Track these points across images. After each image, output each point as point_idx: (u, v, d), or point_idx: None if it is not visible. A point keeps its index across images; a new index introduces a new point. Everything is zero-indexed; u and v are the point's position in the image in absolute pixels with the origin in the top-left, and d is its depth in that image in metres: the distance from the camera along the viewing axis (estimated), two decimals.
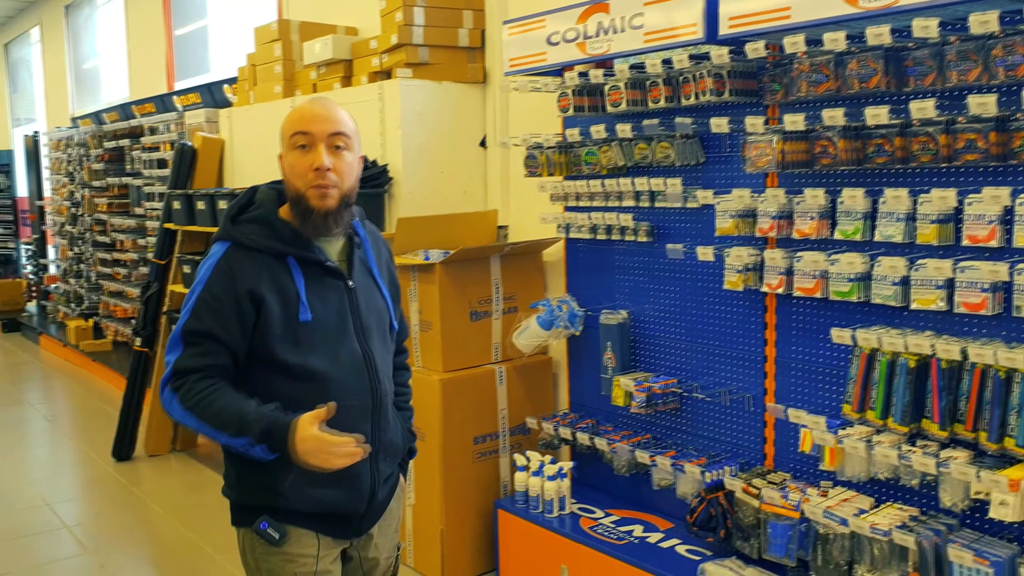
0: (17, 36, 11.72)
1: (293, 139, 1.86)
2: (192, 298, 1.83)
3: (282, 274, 1.86)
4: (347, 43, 4.33)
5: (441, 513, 3.59)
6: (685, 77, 2.87)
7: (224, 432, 1.75)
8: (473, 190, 4.11)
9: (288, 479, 1.83)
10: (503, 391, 3.72)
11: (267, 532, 1.86)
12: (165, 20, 7.86)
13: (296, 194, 1.87)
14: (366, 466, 1.93)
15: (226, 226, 1.90)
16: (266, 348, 1.83)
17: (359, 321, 1.95)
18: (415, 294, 3.69)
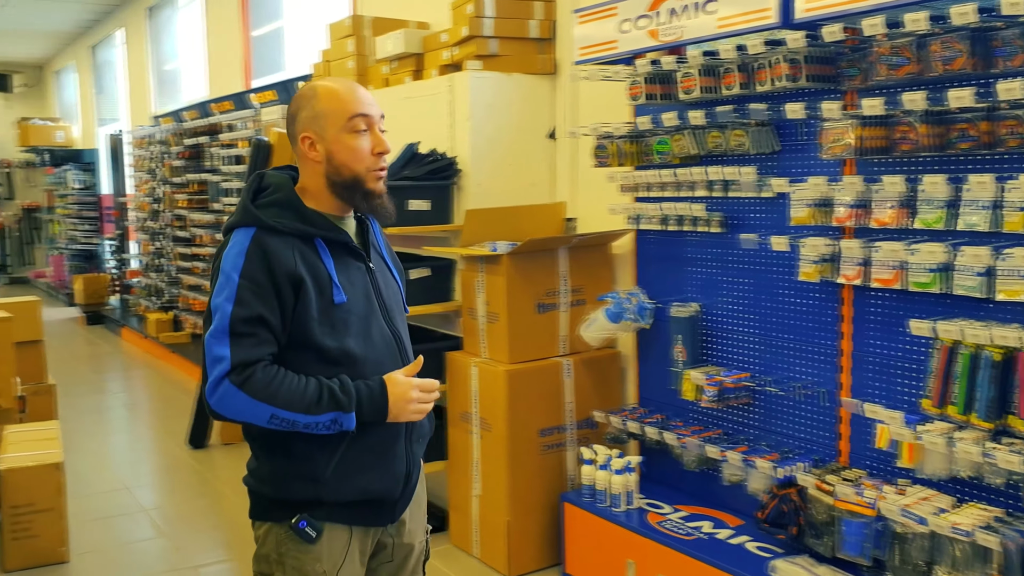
0: (103, 39, 12.13)
1: (352, 122, 1.82)
2: (230, 287, 1.74)
3: (312, 255, 1.82)
4: (418, 37, 4.35)
5: (507, 505, 3.58)
6: (760, 63, 2.81)
7: (310, 412, 1.72)
8: (541, 182, 4.10)
9: (331, 465, 1.80)
10: (570, 384, 3.69)
11: (305, 531, 1.81)
12: (243, 21, 8.04)
13: (354, 178, 1.84)
14: (402, 448, 1.91)
15: (248, 211, 1.82)
16: (304, 332, 1.79)
17: (383, 301, 1.93)
18: (482, 285, 3.69)
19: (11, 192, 15.46)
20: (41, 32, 12.65)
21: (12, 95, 15.54)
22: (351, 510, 1.86)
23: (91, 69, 12.88)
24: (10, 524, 3.73)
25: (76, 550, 3.96)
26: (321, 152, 1.84)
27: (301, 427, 1.73)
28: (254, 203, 1.83)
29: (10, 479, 3.73)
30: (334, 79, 1.91)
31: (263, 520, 1.88)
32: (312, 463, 1.80)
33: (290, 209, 1.82)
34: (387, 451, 1.86)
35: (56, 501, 3.80)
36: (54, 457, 3.85)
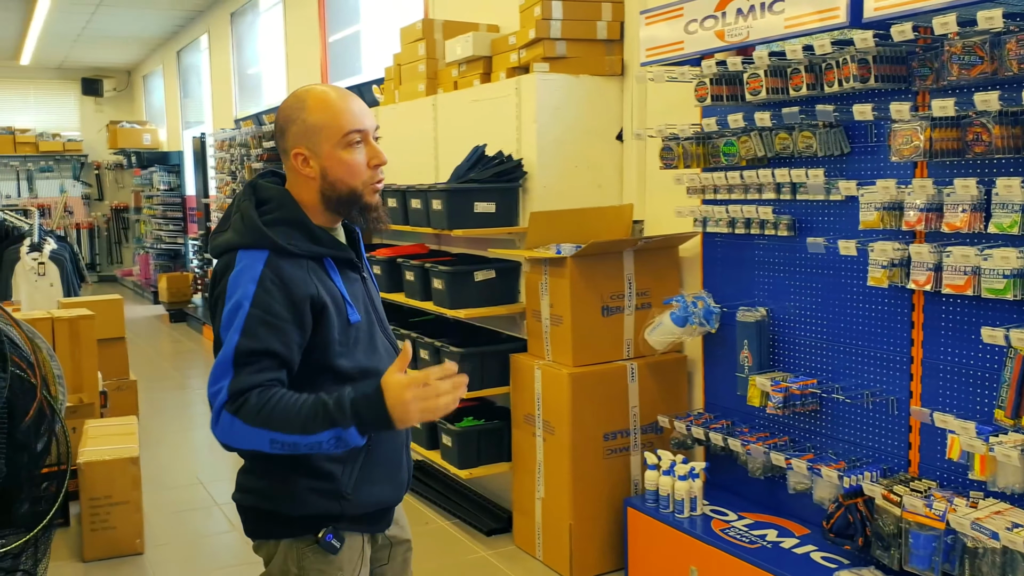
0: (188, 44, 12.51)
1: (348, 137, 1.76)
2: (238, 317, 1.66)
3: (324, 277, 1.78)
4: (487, 40, 4.38)
5: (570, 508, 3.58)
6: (828, 63, 2.75)
7: (307, 432, 1.62)
8: (609, 184, 4.08)
9: (352, 482, 1.80)
10: (634, 388, 3.67)
11: (331, 543, 1.80)
12: (320, 25, 8.20)
13: (351, 193, 1.79)
14: (404, 456, 1.95)
15: (257, 230, 1.72)
16: (325, 356, 1.75)
17: (376, 311, 1.93)
18: (546, 288, 3.69)
19: (101, 193, 16.07)
20: (130, 38, 13.11)
21: (103, 99, 16.15)
22: (367, 519, 1.89)
23: (177, 73, 13.30)
24: (89, 515, 3.89)
25: (151, 542, 4.11)
26: (316, 168, 1.78)
27: (304, 449, 1.64)
28: (262, 222, 1.75)
29: (89, 472, 3.89)
30: (323, 87, 1.83)
31: (276, 538, 1.83)
32: (334, 480, 1.79)
33: (300, 228, 1.76)
34: (394, 461, 1.89)
35: (132, 494, 3.94)
36: (131, 451, 4.00)
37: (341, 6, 8.04)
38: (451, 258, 4.40)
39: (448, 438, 4.05)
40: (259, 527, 1.86)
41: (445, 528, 4.22)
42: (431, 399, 1.63)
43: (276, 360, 1.68)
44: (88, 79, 15.90)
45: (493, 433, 4.02)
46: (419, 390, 1.61)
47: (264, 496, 1.82)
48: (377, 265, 4.63)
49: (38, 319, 4.93)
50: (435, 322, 4.57)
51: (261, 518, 1.84)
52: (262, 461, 1.81)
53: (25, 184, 15.54)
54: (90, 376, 4.93)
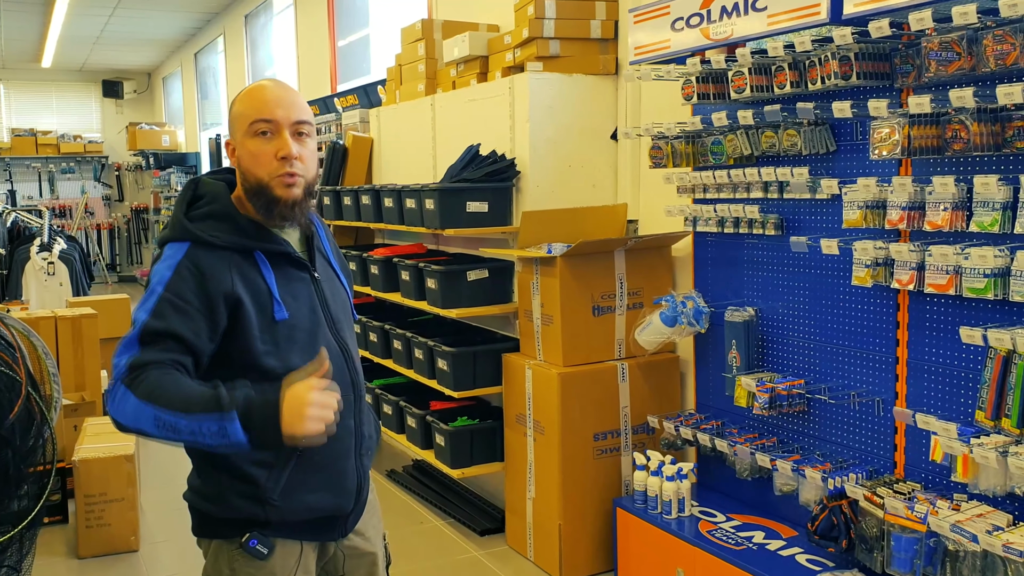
0: (205, 46, 12.61)
1: (254, 126, 1.72)
2: (151, 300, 1.65)
3: (251, 271, 1.73)
4: (483, 40, 4.38)
5: (559, 508, 3.57)
6: (812, 61, 2.72)
7: (190, 412, 1.54)
8: (603, 184, 4.06)
9: (279, 487, 1.74)
10: (625, 388, 3.65)
11: (256, 548, 1.75)
12: (329, 29, 8.24)
13: (258, 184, 1.74)
14: (351, 462, 1.86)
15: (180, 224, 1.72)
16: (246, 353, 1.71)
17: (329, 313, 1.85)
18: (537, 287, 3.68)
19: (121, 194, 16.23)
20: (148, 40, 13.23)
21: (124, 101, 16.31)
22: (302, 527, 1.82)
23: (195, 75, 13.40)
24: (84, 513, 3.92)
25: (147, 539, 4.13)
26: (236, 159, 1.78)
27: (186, 434, 1.55)
28: (188, 214, 1.75)
29: (84, 469, 3.92)
30: (263, 81, 1.80)
31: (209, 538, 1.82)
32: (256, 485, 1.73)
33: (226, 220, 1.74)
34: (336, 469, 1.81)
35: (127, 491, 3.97)
36: (126, 449, 4.02)
37: (350, 10, 8.07)
38: (447, 258, 4.40)
39: (441, 437, 4.04)
40: (197, 526, 1.84)
41: (439, 528, 4.21)
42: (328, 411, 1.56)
43: (181, 344, 1.64)
44: (108, 81, 16.07)
45: (486, 433, 4.02)
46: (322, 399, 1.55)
47: (199, 496, 1.81)
48: (374, 264, 4.64)
49: (41, 318, 4.98)
50: (432, 322, 4.57)
51: (198, 517, 1.83)
52: (198, 460, 1.80)
53: (47, 185, 15.72)
54: (92, 374, 4.97)
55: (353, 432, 1.86)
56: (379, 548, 2.04)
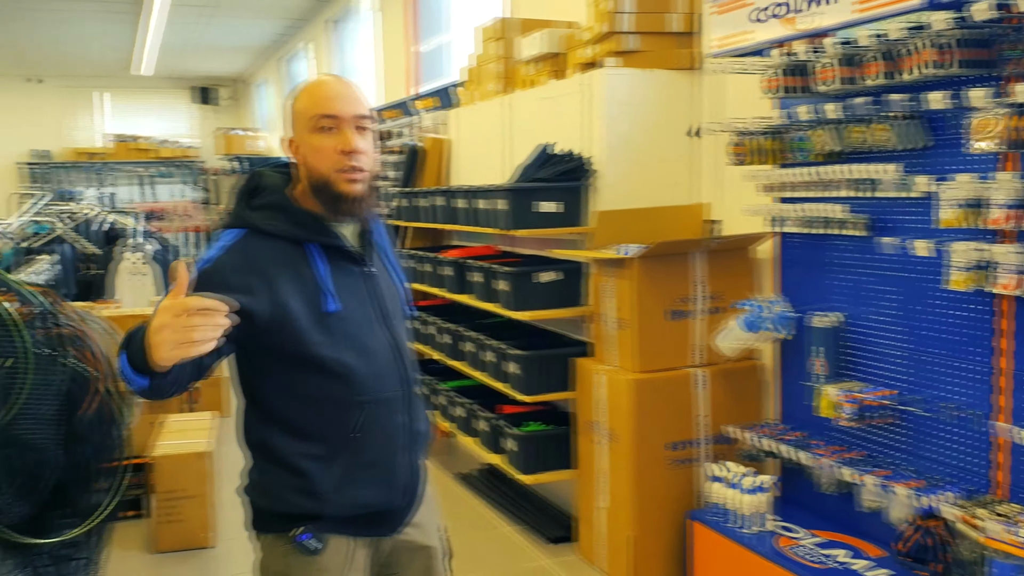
0: (293, 52, 12.85)
1: (315, 120, 1.73)
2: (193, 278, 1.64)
3: (301, 263, 1.74)
4: (558, 36, 4.28)
5: (631, 519, 3.45)
6: (904, 49, 2.54)
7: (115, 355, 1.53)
8: (681, 182, 3.92)
9: (327, 481, 1.75)
10: (702, 396, 3.51)
11: (306, 544, 1.76)
12: (410, 33, 8.27)
13: (321, 179, 1.74)
14: (402, 458, 1.85)
15: (238, 212, 1.77)
16: (297, 344, 1.71)
17: (382, 307, 1.84)
18: (611, 290, 3.57)
19: (214, 197, 16.69)
20: (238, 48, 13.56)
21: (217, 107, 16.78)
22: (352, 523, 1.81)
23: (283, 81, 13.68)
24: (160, 508, 3.97)
25: (222, 536, 4.16)
26: (297, 154, 1.79)
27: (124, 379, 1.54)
28: (245, 204, 1.79)
29: (160, 465, 3.98)
30: (322, 77, 1.81)
31: (265, 532, 1.83)
32: (309, 478, 1.75)
33: (282, 211, 1.76)
34: (387, 465, 1.82)
35: (202, 488, 4.01)
36: (202, 447, 4.07)
37: (431, 13, 8.09)
38: (519, 259, 4.31)
39: (511, 442, 3.96)
40: (250, 520, 1.86)
41: (509, 534, 4.13)
42: (183, 330, 1.42)
43: None
44: (202, 88, 16.56)
45: (557, 439, 3.92)
46: (173, 319, 1.42)
47: (253, 490, 1.83)
48: (445, 266, 4.59)
49: (126, 316, 5.10)
50: (504, 325, 4.49)
51: (252, 512, 1.85)
52: (252, 455, 1.83)
53: (144, 189, 16.27)
54: None
55: (404, 428, 1.86)
56: (435, 541, 2.01)
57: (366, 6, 9.45)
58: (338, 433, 1.76)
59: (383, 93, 9.04)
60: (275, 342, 1.71)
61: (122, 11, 10.58)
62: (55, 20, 11.02)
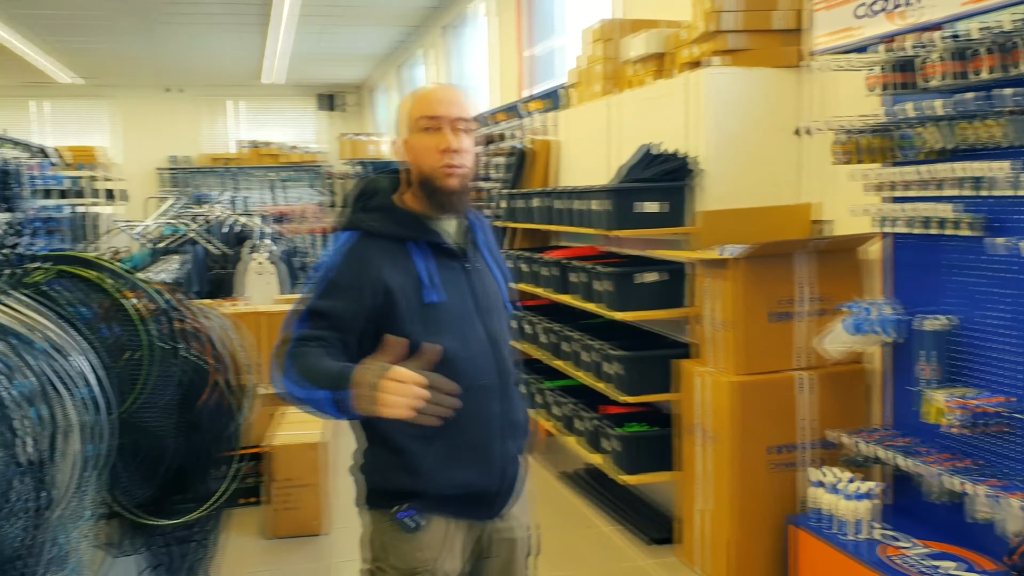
0: (408, 58, 13.18)
1: (419, 122, 1.89)
2: (320, 280, 1.86)
3: (405, 258, 1.89)
4: (661, 36, 4.27)
5: (730, 522, 3.41)
6: (1016, 42, 2.44)
7: (313, 385, 1.68)
8: (787, 182, 3.85)
9: (427, 459, 1.87)
10: (805, 400, 3.44)
11: (406, 521, 1.88)
12: (521, 35, 8.37)
13: (423, 176, 1.90)
14: (498, 445, 1.95)
15: (350, 215, 1.95)
16: (398, 331, 1.80)
17: (480, 301, 1.96)
18: (711, 291, 3.54)
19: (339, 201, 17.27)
20: (363, 55, 14.01)
21: (339, 113, 17.36)
22: (450, 503, 1.92)
23: (400, 87, 14.04)
24: (277, 496, 4.17)
25: (333, 524, 4.33)
26: (404, 153, 1.94)
27: (304, 402, 1.71)
28: (355, 208, 1.96)
29: (276, 455, 4.17)
30: (428, 84, 1.98)
31: (368, 508, 1.97)
32: (410, 455, 1.87)
33: (387, 213, 1.93)
34: (483, 449, 1.93)
35: (315, 477, 4.18)
36: (316, 437, 4.25)
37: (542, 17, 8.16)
38: (621, 259, 4.32)
39: (612, 443, 3.98)
40: (358, 496, 2.00)
41: (608, 533, 4.15)
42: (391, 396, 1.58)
43: (339, 321, 1.81)
44: (325, 95, 17.16)
45: (657, 440, 3.91)
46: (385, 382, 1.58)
47: (360, 468, 1.97)
48: (546, 267, 4.64)
49: (248, 312, 5.36)
50: (606, 325, 4.50)
51: (359, 489, 1.99)
52: (361, 434, 1.96)
53: (270, 193, 16.99)
54: None
55: (501, 416, 1.96)
56: (523, 535, 2.09)
57: (480, 12, 9.61)
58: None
59: (495, 96, 9.17)
60: (381, 330, 1.83)
61: (252, 22, 11.10)
62: (191, 33, 11.66)
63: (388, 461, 1.90)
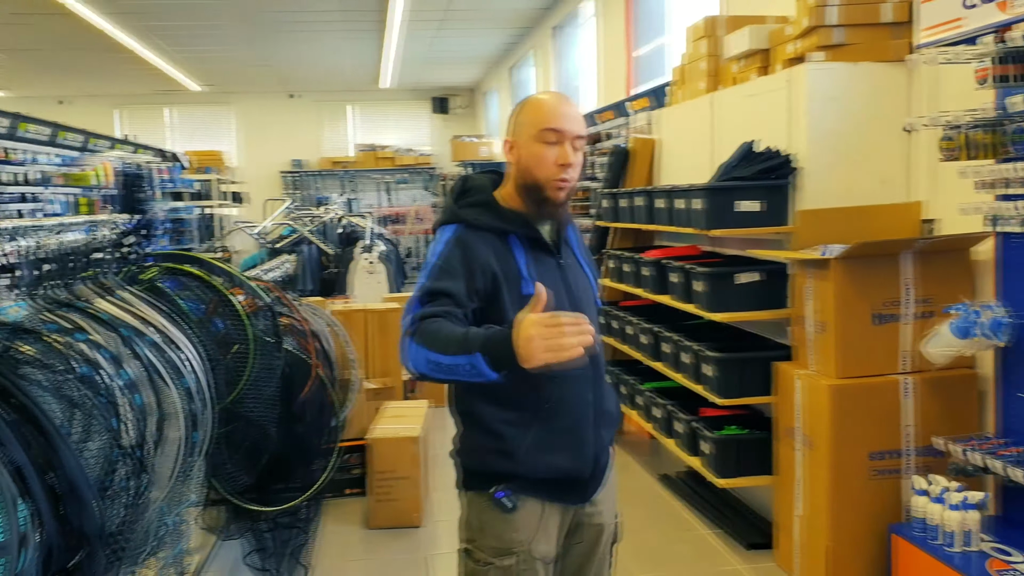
0: (519, 60, 13.29)
1: (543, 133, 1.96)
2: (427, 268, 1.95)
3: (505, 251, 1.98)
4: (764, 32, 4.19)
5: (828, 528, 3.32)
6: None
7: (447, 353, 1.74)
8: (894, 180, 3.71)
9: (524, 444, 1.95)
10: (909, 405, 3.32)
11: (503, 501, 1.96)
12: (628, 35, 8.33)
13: (534, 183, 1.98)
14: (590, 432, 2.03)
15: (452, 210, 2.04)
16: (501, 322, 1.87)
17: (572, 295, 2.04)
18: (810, 292, 3.46)
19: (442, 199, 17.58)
20: (470, 58, 14.21)
21: (450, 116, 17.65)
22: (544, 486, 1.99)
23: (510, 89, 14.16)
24: (375, 487, 4.30)
25: (430, 517, 4.44)
26: (515, 156, 2.02)
27: (447, 369, 1.76)
28: (457, 204, 2.06)
29: (376, 448, 4.30)
30: (551, 93, 2.05)
31: (467, 489, 2.05)
32: (505, 440, 1.95)
33: (488, 208, 2.03)
34: (575, 435, 2.00)
35: (412, 471, 4.29)
36: (413, 431, 4.35)
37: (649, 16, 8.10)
38: (720, 259, 4.26)
39: (707, 445, 3.93)
40: (458, 478, 2.09)
41: (706, 537, 4.10)
42: (554, 339, 1.64)
43: (452, 299, 1.88)
44: (437, 98, 17.48)
45: (754, 444, 3.84)
46: (543, 329, 1.65)
47: (459, 452, 2.06)
48: (646, 266, 4.61)
49: (354, 311, 5.54)
50: (706, 326, 4.44)
51: (459, 471, 2.08)
52: (459, 420, 2.05)
53: (385, 195, 17.43)
54: (396, 362, 5.43)
55: (592, 405, 2.05)
56: (610, 522, 2.17)
57: (587, 12, 9.62)
58: (533, 403, 1.96)
59: (601, 95, 9.16)
60: (485, 319, 1.92)
61: (368, 29, 11.42)
62: (310, 40, 12.08)
63: (486, 445, 1.98)
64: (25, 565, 1.34)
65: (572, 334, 1.65)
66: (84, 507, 1.49)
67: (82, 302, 2.21)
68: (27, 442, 1.46)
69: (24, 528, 1.35)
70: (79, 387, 1.73)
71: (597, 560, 2.16)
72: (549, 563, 2.04)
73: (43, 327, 1.87)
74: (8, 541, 1.31)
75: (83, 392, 1.72)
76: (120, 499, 1.72)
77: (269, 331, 3.06)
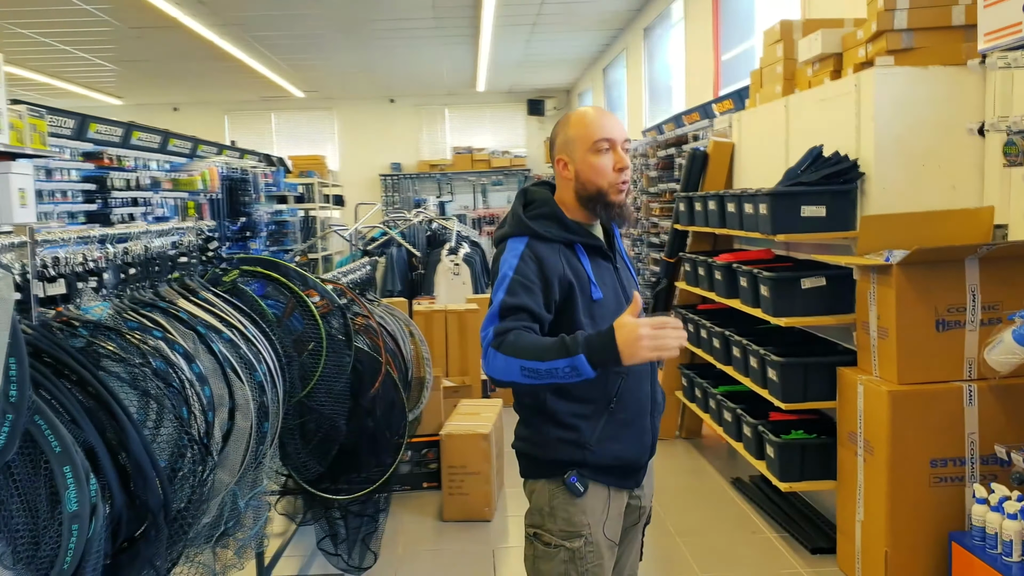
0: (611, 61, 13.34)
1: (597, 144, 2.11)
2: (505, 282, 2.04)
3: (574, 259, 2.13)
4: (837, 36, 4.17)
5: (886, 534, 3.32)
6: None
7: (544, 359, 1.86)
8: (964, 185, 3.67)
9: (594, 434, 2.09)
10: (973, 412, 3.28)
11: (575, 485, 2.09)
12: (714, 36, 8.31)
13: (598, 191, 2.13)
14: (647, 421, 2.20)
15: (521, 223, 2.14)
16: (573, 326, 2.05)
17: (627, 295, 2.21)
18: (873, 297, 3.45)
19: None
20: (564, 60, 14.33)
21: (545, 118, 17.81)
22: (610, 472, 2.15)
23: (603, 89, 14.22)
24: (448, 481, 4.47)
25: (501, 512, 4.59)
26: (571, 171, 2.15)
27: (544, 374, 1.88)
28: (527, 216, 2.17)
29: (448, 443, 4.47)
30: (586, 108, 2.19)
31: (536, 478, 2.17)
32: (578, 431, 2.09)
33: (555, 220, 2.16)
34: (637, 424, 2.17)
35: (483, 466, 4.44)
36: (484, 428, 4.51)
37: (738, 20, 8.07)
38: (790, 264, 4.27)
39: (771, 448, 3.95)
40: (525, 469, 2.22)
41: (771, 539, 4.12)
42: (661, 339, 1.82)
43: (530, 314, 2.01)
44: (532, 100, 17.66)
45: (818, 448, 3.84)
46: (651, 330, 1.82)
47: (528, 443, 2.18)
48: (717, 270, 4.65)
49: (435, 311, 5.74)
50: (777, 331, 4.46)
51: (526, 461, 2.21)
52: (527, 414, 2.18)
53: (480, 197, 17.72)
54: (475, 361, 5.61)
55: (650, 396, 2.22)
56: (648, 505, 2.33)
57: (678, 14, 9.61)
58: (601, 397, 2.11)
59: (690, 97, 9.15)
60: (558, 323, 2.07)
61: (463, 34, 11.68)
62: (407, 46, 12.43)
63: (557, 436, 2.10)
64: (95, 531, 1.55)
65: (673, 336, 1.84)
66: (148, 484, 1.69)
67: (164, 302, 2.44)
68: (102, 426, 1.68)
69: (94, 500, 1.57)
70: (153, 379, 1.94)
71: (632, 539, 2.31)
72: (614, 547, 2.19)
73: (124, 325, 2.09)
74: (81, 510, 1.52)
75: (156, 384, 1.93)
76: (187, 481, 1.92)
77: (340, 330, 3.26)
